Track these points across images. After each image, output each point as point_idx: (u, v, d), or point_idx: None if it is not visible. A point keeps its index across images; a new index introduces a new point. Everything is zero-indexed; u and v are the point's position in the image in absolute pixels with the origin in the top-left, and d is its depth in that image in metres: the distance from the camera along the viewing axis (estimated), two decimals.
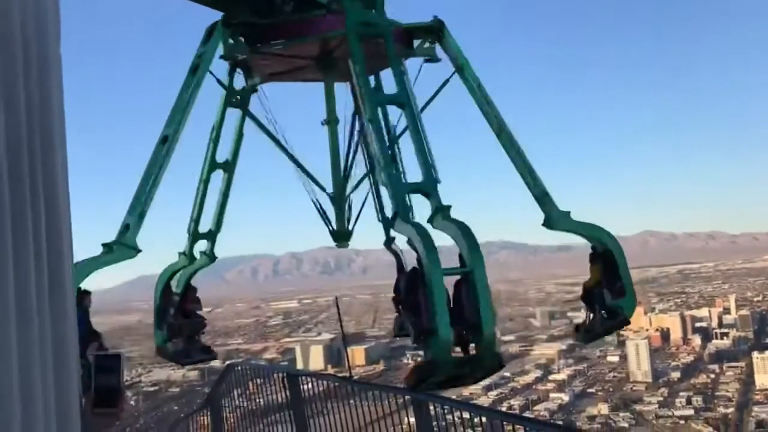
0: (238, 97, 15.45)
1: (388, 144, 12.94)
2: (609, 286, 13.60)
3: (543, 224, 14.09)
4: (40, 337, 1.97)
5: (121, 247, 12.60)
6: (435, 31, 14.63)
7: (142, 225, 12.84)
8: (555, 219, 13.88)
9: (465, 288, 11.18)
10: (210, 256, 15.66)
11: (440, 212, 12.02)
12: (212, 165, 15.30)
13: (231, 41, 14.23)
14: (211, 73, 14.26)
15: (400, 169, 13.23)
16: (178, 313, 15.47)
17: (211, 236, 15.60)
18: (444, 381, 11.59)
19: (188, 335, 15.65)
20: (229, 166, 15.72)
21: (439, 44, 14.60)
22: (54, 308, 2.06)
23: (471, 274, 11.10)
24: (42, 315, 2.00)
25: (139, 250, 12.84)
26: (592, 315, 14.32)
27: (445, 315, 10.59)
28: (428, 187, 12.37)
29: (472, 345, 11.40)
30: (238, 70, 15.27)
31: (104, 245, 12.70)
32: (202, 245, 15.55)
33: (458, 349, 11.59)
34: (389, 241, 15.94)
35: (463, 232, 11.56)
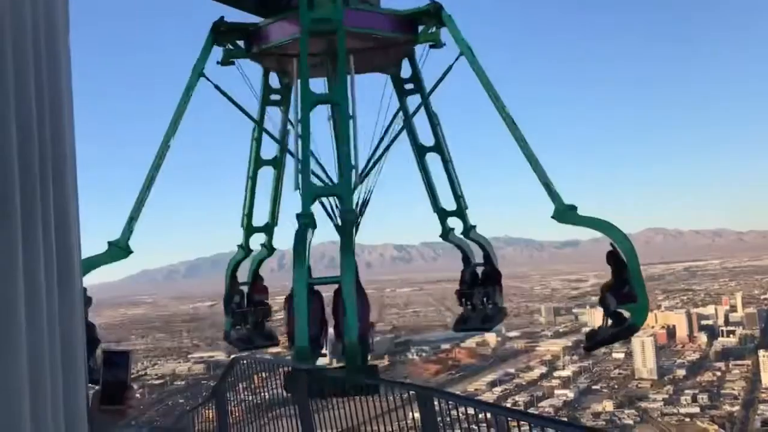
0: (277, 95, 15.97)
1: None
2: (615, 290, 13.16)
3: (552, 216, 13.99)
4: (49, 332, 1.98)
5: (114, 248, 13.14)
6: (434, 15, 14.45)
7: (134, 227, 13.39)
8: (561, 213, 13.70)
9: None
10: (269, 248, 16.68)
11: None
12: (257, 162, 16.02)
13: (229, 46, 14.65)
14: (206, 78, 14.51)
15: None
16: (243, 301, 16.46)
17: (269, 229, 16.55)
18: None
19: (254, 322, 16.54)
20: (277, 163, 16.34)
21: (446, 27, 14.42)
22: (63, 305, 2.07)
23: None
24: (51, 311, 2.01)
25: (130, 251, 13.31)
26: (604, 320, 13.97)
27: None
28: (342, 191, 13.36)
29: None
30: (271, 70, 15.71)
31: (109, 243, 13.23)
32: (259, 238, 16.49)
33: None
34: (447, 233, 16.65)
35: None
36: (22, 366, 1.87)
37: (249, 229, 16.27)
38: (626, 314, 13.21)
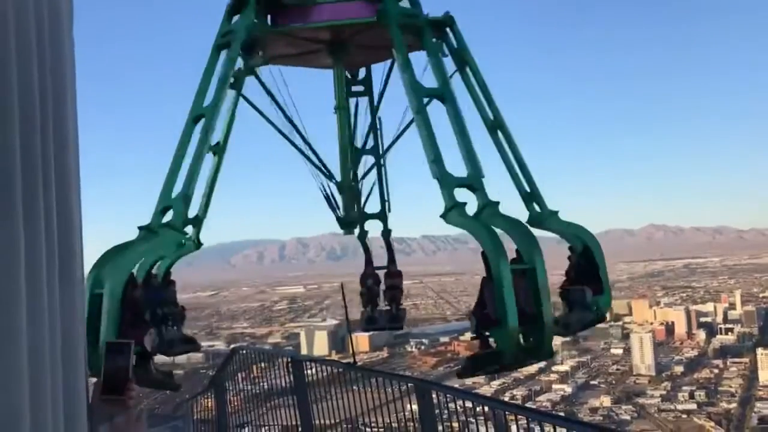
0: (234, 78, 14.65)
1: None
2: (590, 284, 13.44)
3: (527, 222, 14.10)
4: (50, 325, 1.99)
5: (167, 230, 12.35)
6: (444, 26, 14.51)
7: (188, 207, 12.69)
8: (544, 218, 13.81)
9: (523, 283, 11.53)
10: (196, 243, 14.76)
11: (488, 208, 12.21)
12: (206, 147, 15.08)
13: (255, 19, 14.01)
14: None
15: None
16: (162, 302, 15.08)
17: (198, 222, 14.75)
18: (498, 369, 12.16)
19: (172, 326, 15.24)
20: (219, 150, 15.07)
21: (445, 39, 14.44)
22: (64, 297, 2.07)
23: (532, 271, 11.49)
24: (52, 303, 2.01)
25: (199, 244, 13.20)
26: (568, 310, 14.30)
27: (513, 305, 10.72)
28: (475, 182, 12.47)
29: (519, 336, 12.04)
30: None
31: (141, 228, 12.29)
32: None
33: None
34: (363, 236, 16.58)
35: (519, 228, 11.82)
36: (22, 357, 1.87)
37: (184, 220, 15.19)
38: (596, 304, 13.38)
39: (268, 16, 14.08)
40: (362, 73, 16.57)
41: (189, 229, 14.79)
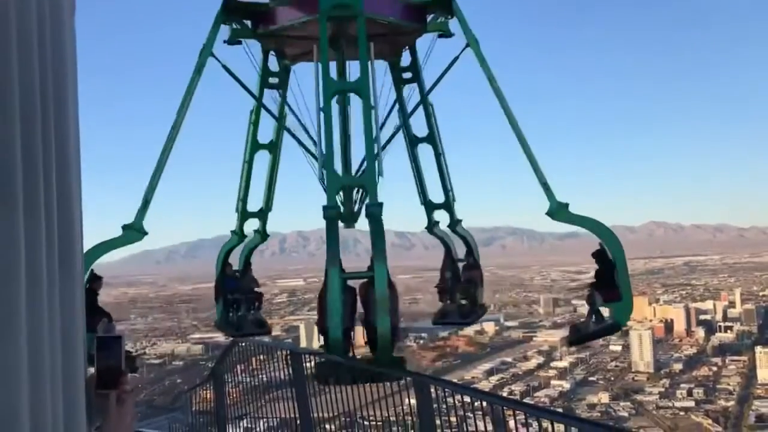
0: (276, 78, 15.68)
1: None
2: (601, 288, 13.20)
3: (546, 213, 14.06)
4: (50, 318, 1.99)
5: (129, 231, 13.02)
6: (445, 5, 14.45)
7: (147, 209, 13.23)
8: (554, 210, 13.76)
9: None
10: (262, 234, 16.37)
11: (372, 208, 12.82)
12: (254, 146, 15.75)
13: (235, 25, 14.44)
14: (214, 57, 14.38)
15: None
16: (235, 289, 16.10)
17: (262, 215, 16.24)
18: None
19: (246, 309, 16.23)
20: (273, 147, 16.11)
21: (453, 17, 14.43)
22: (63, 290, 2.07)
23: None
24: (51, 296, 2.01)
25: (145, 233, 13.22)
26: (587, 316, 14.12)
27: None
28: (367, 182, 13.05)
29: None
30: (271, 52, 15.47)
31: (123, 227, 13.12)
32: (253, 224, 16.22)
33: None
34: (432, 226, 16.61)
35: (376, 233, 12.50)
36: (21, 350, 1.88)
37: (244, 214, 15.97)
38: (606, 313, 13.42)
39: (248, 22, 14.61)
40: (406, 59, 16.33)
41: (255, 222, 16.24)
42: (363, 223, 17.19)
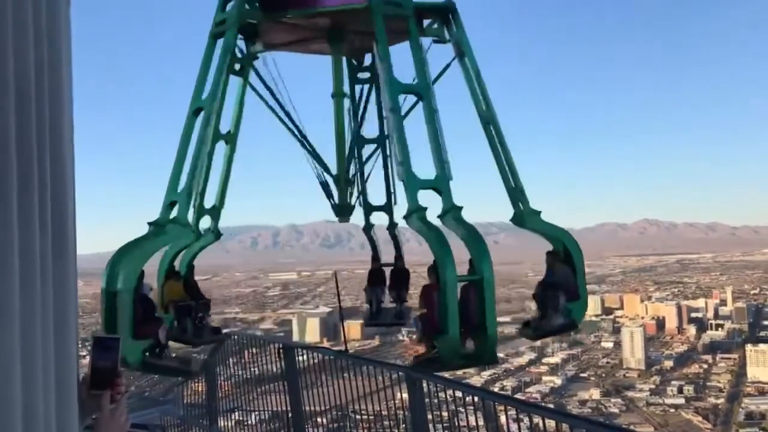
0: (240, 65, 14.79)
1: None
2: (566, 289, 13.44)
3: (511, 220, 14.11)
4: (42, 300, 1.98)
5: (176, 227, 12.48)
6: (446, 12, 14.35)
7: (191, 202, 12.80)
8: (525, 216, 13.76)
9: (473, 292, 11.47)
10: (215, 233, 14.95)
11: (451, 212, 12.11)
12: (216, 136, 14.44)
13: (246, 6, 13.72)
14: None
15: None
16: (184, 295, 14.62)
17: (215, 212, 14.92)
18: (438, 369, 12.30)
19: (198, 316, 14.79)
20: (231, 138, 15.10)
21: (446, 27, 14.32)
22: (56, 273, 2.06)
23: (480, 281, 11.34)
24: (45, 279, 2.00)
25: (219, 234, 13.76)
26: (541, 313, 14.17)
27: (455, 316, 11.00)
28: (441, 185, 12.36)
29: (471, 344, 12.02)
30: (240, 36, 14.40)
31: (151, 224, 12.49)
32: (205, 222, 14.82)
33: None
34: (368, 228, 17.11)
35: (473, 237, 11.64)
36: (14, 333, 1.87)
37: (201, 211, 14.36)
38: (570, 311, 13.48)
39: (258, 4, 14.05)
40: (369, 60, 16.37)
41: (207, 220, 14.80)
42: (357, 218, 17.30)
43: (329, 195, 16.43)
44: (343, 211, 16.73)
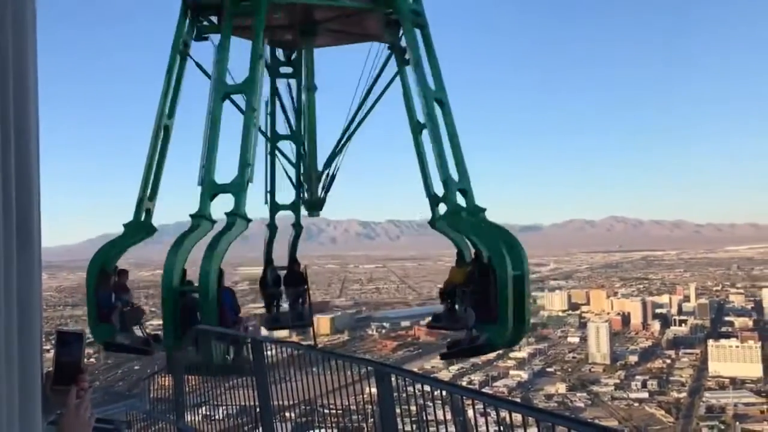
0: (185, 43, 14.40)
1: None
2: (479, 306, 12.55)
3: (429, 223, 14.31)
4: (5, 293, 1.95)
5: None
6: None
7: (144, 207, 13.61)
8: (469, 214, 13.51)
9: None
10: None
11: (479, 213, 13.19)
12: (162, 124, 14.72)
13: (204, 22, 14.16)
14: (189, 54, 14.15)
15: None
16: (118, 298, 14.73)
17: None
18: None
19: (136, 323, 15.07)
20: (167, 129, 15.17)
21: (406, 35, 14.18)
22: (21, 265, 2.02)
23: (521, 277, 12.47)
24: (8, 271, 1.97)
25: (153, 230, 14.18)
26: (448, 311, 14.25)
27: (511, 309, 12.17)
28: (467, 187, 13.48)
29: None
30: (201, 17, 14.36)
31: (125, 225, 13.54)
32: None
33: None
34: (273, 231, 17.59)
35: (509, 236, 13.16)
36: None
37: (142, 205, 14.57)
38: (485, 334, 12.77)
39: None
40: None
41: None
42: (326, 212, 17.25)
43: (299, 189, 16.41)
44: (313, 205, 16.70)
